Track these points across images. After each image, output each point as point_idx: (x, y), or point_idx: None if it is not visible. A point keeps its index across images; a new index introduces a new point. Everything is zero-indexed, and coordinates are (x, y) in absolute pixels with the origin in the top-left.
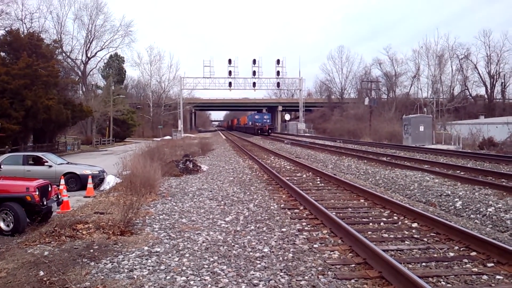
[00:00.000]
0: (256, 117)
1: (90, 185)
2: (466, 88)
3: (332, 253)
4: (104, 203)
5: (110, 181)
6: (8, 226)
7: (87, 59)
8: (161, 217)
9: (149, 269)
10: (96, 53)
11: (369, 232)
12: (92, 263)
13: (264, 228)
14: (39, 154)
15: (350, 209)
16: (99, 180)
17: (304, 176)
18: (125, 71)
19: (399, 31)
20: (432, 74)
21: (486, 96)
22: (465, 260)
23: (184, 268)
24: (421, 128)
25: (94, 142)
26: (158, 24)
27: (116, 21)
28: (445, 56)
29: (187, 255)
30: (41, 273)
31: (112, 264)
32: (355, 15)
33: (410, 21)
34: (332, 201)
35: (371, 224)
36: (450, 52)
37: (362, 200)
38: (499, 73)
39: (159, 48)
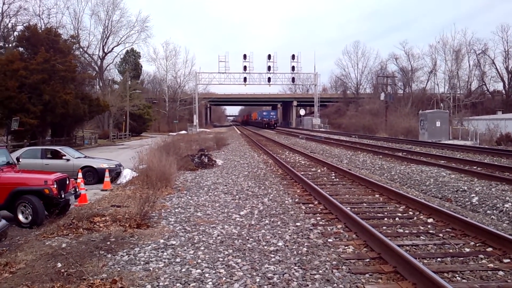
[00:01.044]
0: (264, 113)
1: (107, 178)
2: (483, 83)
3: (346, 247)
4: (120, 196)
5: (127, 174)
6: (26, 218)
7: (103, 54)
8: (176, 210)
9: (164, 262)
10: (112, 49)
11: (384, 227)
12: (109, 255)
13: (279, 222)
14: (57, 148)
15: (365, 204)
16: (115, 173)
17: (319, 171)
18: (141, 66)
19: (415, 27)
20: (449, 69)
21: (503, 91)
22: (481, 256)
23: (199, 261)
24: (438, 124)
25: (111, 137)
26: (173, 19)
27: (133, 17)
28: (462, 51)
29: (202, 248)
30: (59, 264)
31: (128, 256)
32: (372, 12)
33: (427, 17)
34: (347, 196)
35: (386, 219)
36: (467, 47)
37: (377, 195)
38: None
39: (174, 43)
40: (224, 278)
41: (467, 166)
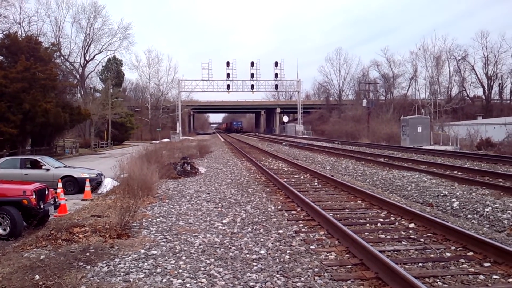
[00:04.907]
0: (234, 122)
1: (87, 188)
2: (463, 89)
3: (329, 254)
4: (101, 206)
5: (108, 184)
6: (4, 230)
7: (85, 62)
8: (158, 219)
9: (145, 272)
10: (94, 56)
11: (366, 233)
12: (88, 267)
13: (261, 230)
14: (37, 157)
15: (347, 210)
16: (96, 183)
17: (302, 177)
18: (123, 74)
19: (396, 34)
20: (430, 76)
21: (483, 97)
22: (462, 260)
23: (180, 270)
24: (419, 129)
25: (92, 145)
26: (156, 27)
27: (115, 24)
28: (442, 57)
29: (184, 257)
30: (37, 277)
31: (108, 268)
32: (354, 19)
33: (408, 24)
34: (330, 202)
35: (368, 225)
36: (448, 54)
37: (360, 201)
38: (496, 74)
39: (157, 51)
40: None
41: (448, 171)
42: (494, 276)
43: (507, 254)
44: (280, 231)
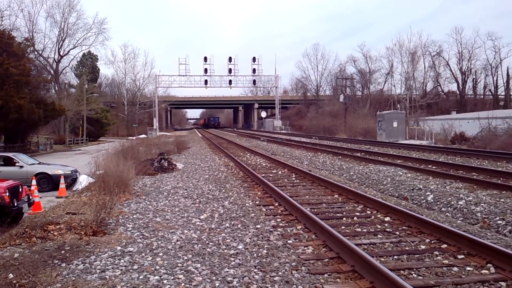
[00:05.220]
0: (211, 118)
1: (62, 185)
2: (438, 84)
3: (306, 248)
4: (76, 203)
5: (83, 181)
6: None
7: (59, 58)
8: (134, 216)
9: (121, 269)
10: (69, 52)
11: (343, 227)
12: (63, 264)
13: (239, 225)
14: (10, 154)
15: (324, 205)
16: (71, 180)
17: (280, 172)
18: (98, 69)
19: (373, 30)
20: (405, 71)
21: (458, 92)
22: (436, 253)
23: (157, 267)
24: (395, 124)
25: (67, 142)
26: (132, 21)
27: (90, 19)
28: (418, 53)
29: (161, 254)
30: (11, 275)
31: (84, 265)
32: (331, 15)
33: (384, 20)
34: (307, 197)
35: (344, 219)
36: (423, 49)
37: (336, 196)
38: (470, 69)
39: (133, 46)
40: (183, 284)
41: (423, 165)
42: (468, 268)
43: (480, 246)
44: (258, 226)
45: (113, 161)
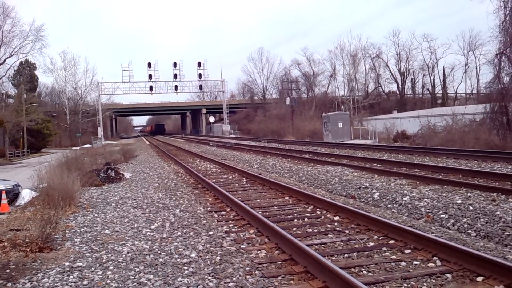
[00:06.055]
0: (157, 125)
1: (4, 201)
2: (379, 85)
3: (259, 252)
4: (20, 219)
5: (26, 195)
6: None
7: None
8: (82, 230)
9: (71, 286)
10: (4, 60)
11: (294, 229)
12: (9, 284)
13: (191, 233)
14: None
15: (275, 207)
16: (13, 195)
17: (230, 177)
18: (37, 78)
19: (315, 34)
20: (348, 73)
21: (398, 92)
22: (384, 249)
23: (108, 281)
24: (340, 125)
25: (7, 155)
26: (71, 28)
27: (26, 26)
28: (358, 55)
29: (112, 267)
30: None
31: (31, 284)
32: (273, 20)
33: (326, 24)
34: (258, 200)
35: (295, 220)
36: (363, 52)
37: (287, 198)
38: (408, 70)
39: (73, 53)
40: None
41: (368, 163)
42: (415, 262)
43: (426, 240)
44: (211, 233)
45: (56, 173)
